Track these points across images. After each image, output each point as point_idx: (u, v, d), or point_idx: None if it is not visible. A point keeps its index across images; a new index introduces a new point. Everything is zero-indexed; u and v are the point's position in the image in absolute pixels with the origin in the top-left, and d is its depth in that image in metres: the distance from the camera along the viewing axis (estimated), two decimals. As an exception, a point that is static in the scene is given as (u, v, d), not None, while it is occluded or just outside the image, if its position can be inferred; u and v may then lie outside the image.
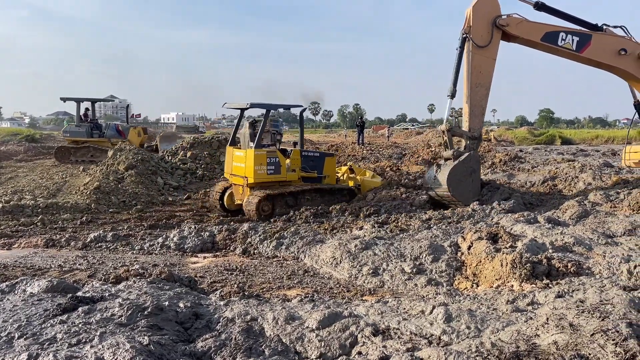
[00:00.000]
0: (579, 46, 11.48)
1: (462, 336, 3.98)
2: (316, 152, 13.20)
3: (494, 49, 11.22)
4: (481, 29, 11.01)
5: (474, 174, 11.22)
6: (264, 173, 11.02)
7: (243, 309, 4.70)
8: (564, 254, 6.49)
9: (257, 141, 11.08)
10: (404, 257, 6.98)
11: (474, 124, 11.29)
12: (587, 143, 42.05)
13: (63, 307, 4.47)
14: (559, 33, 11.40)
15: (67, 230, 9.89)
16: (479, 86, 11.11)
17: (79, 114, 23.45)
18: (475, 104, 11.17)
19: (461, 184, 10.88)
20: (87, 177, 15.73)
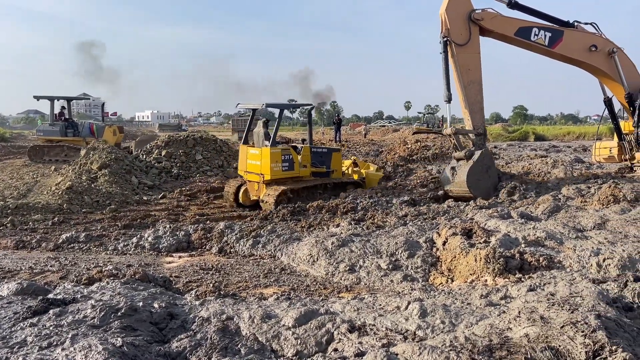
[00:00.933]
0: (551, 42, 11.77)
1: (437, 331, 4.02)
2: (324, 148, 13.91)
3: (475, 44, 11.45)
4: (458, 27, 11.22)
5: (490, 170, 11.69)
6: (279, 170, 11.71)
7: (219, 309, 4.67)
8: (536, 248, 6.62)
9: (273, 140, 11.78)
10: (380, 253, 7.02)
11: (475, 121, 11.61)
12: (559, 139, 42.89)
13: (33, 310, 4.38)
14: (532, 28, 11.68)
15: (38, 231, 9.68)
16: (471, 83, 11.39)
17: (53, 112, 22.93)
18: (473, 101, 11.47)
19: (480, 182, 11.33)
20: (59, 176, 15.44)
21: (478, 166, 11.33)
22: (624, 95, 12.40)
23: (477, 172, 11.31)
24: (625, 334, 3.33)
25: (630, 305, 4.17)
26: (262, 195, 11.82)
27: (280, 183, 11.73)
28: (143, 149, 18.90)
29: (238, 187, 12.74)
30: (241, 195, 12.60)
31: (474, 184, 11.16)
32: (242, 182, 12.75)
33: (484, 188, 11.38)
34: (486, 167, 11.58)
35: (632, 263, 5.59)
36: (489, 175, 11.67)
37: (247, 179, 12.50)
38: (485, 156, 11.58)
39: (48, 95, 22.89)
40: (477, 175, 11.34)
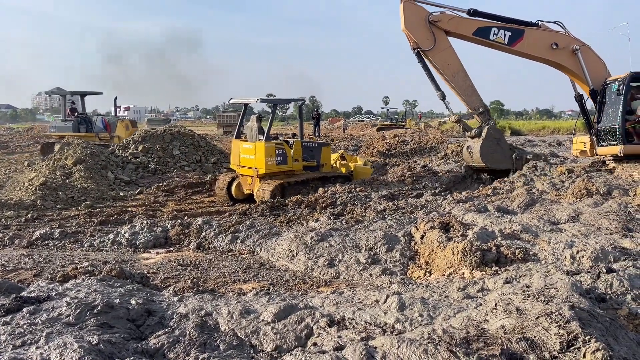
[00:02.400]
0: (511, 40, 12.31)
1: (415, 324, 4.06)
2: (314, 143, 14.32)
3: (443, 41, 12.14)
4: (422, 35, 11.85)
5: (500, 142, 12.84)
6: (273, 164, 11.98)
7: (197, 304, 4.63)
8: (512, 241, 6.71)
9: (267, 134, 12.03)
10: (359, 247, 7.05)
11: (473, 103, 12.44)
12: (534, 134, 43.61)
13: (7, 308, 4.28)
14: (491, 28, 12.17)
15: (11, 228, 9.45)
16: (456, 74, 12.07)
17: (65, 108, 22.43)
18: (464, 87, 12.18)
19: (494, 154, 12.56)
20: (32, 172, 15.11)
21: (488, 141, 12.50)
22: None
23: (488, 146, 12.50)
24: (598, 324, 3.40)
25: (603, 296, 4.27)
26: (256, 189, 12.03)
27: (273, 177, 12.01)
28: (119, 144, 18.63)
29: (230, 182, 12.89)
30: (234, 189, 12.76)
31: (488, 158, 12.50)
32: (234, 176, 12.94)
33: (498, 159, 12.70)
34: (496, 140, 12.71)
35: (604, 255, 5.71)
36: (501, 146, 12.82)
37: (240, 173, 12.70)
38: (493, 130, 12.69)
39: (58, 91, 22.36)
40: (490, 149, 12.55)
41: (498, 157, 12.72)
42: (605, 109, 12.43)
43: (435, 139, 26.80)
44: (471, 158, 13.03)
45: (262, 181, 12.00)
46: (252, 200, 11.97)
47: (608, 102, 12.37)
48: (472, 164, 13.25)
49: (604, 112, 12.45)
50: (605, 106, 12.42)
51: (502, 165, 12.74)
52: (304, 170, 12.88)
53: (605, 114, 12.41)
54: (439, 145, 23.52)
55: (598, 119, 12.66)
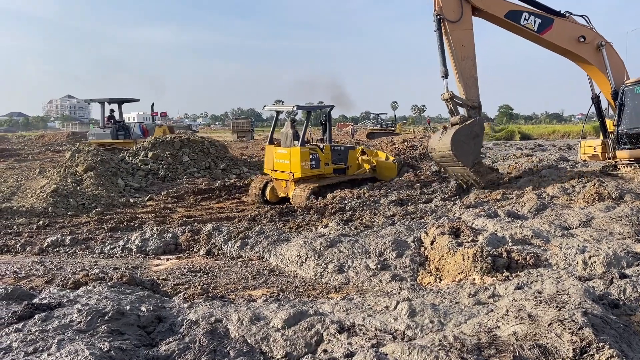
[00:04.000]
0: (541, 28, 11.95)
1: (426, 330, 4.03)
2: (341, 146, 14.79)
3: (468, 20, 11.51)
4: (451, 5, 11.33)
5: (476, 139, 11.68)
6: (308, 168, 12.62)
7: (207, 311, 4.64)
8: (523, 246, 6.66)
9: (302, 139, 12.61)
10: (369, 253, 7.03)
11: (470, 94, 11.72)
12: (544, 138, 43.37)
13: (19, 315, 4.31)
14: (523, 13, 11.84)
15: (23, 235, 9.54)
16: (466, 59, 11.49)
17: (104, 115, 22.63)
18: (467, 76, 11.60)
19: (464, 145, 11.29)
20: (43, 180, 15.25)
21: (467, 129, 11.40)
22: (610, 92, 12.53)
23: (464, 134, 11.33)
24: (611, 330, 3.37)
25: (616, 302, 4.22)
26: (290, 192, 12.60)
27: (306, 180, 12.59)
28: (129, 151, 18.76)
29: (265, 185, 13.45)
30: (268, 193, 13.36)
31: (458, 145, 11.18)
32: (267, 180, 13.52)
33: (466, 152, 11.37)
34: (474, 134, 11.60)
35: (617, 260, 5.65)
36: (475, 143, 11.68)
37: (274, 177, 13.26)
38: (477, 124, 11.72)
39: (99, 98, 22.55)
40: (464, 137, 11.32)
41: (467, 150, 11.47)
42: (627, 111, 12.23)
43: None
44: (436, 144, 11.70)
45: (296, 185, 12.53)
46: (286, 203, 12.42)
47: (631, 104, 12.18)
48: (433, 147, 11.84)
49: (626, 114, 12.25)
50: (628, 109, 12.22)
51: (464, 160, 11.38)
52: (333, 173, 13.50)
53: (629, 117, 12.22)
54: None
55: (618, 122, 12.45)
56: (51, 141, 38.27)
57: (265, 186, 13.48)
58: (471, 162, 11.39)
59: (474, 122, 11.54)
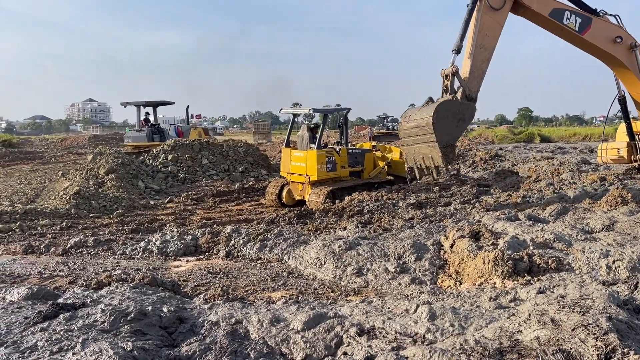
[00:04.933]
0: (581, 28, 11.55)
1: (447, 334, 4.01)
2: (358, 150, 14.57)
3: (503, 15, 10.94)
4: None
5: (461, 123, 10.26)
6: (324, 171, 12.56)
7: (227, 312, 4.68)
8: (545, 250, 6.59)
9: (319, 142, 12.56)
10: (388, 256, 7.01)
11: (472, 85, 10.69)
12: (565, 140, 42.78)
13: (44, 315, 4.40)
14: (565, 11, 11.45)
15: (47, 236, 9.72)
16: (483, 48, 10.80)
17: (140, 118, 22.96)
18: (477, 65, 10.80)
19: (446, 120, 9.72)
20: (66, 182, 15.52)
21: (456, 107, 9.91)
22: None
23: (451, 110, 9.81)
24: (637, 336, 3.31)
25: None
26: (307, 195, 12.57)
27: (323, 183, 12.55)
28: (149, 154, 18.98)
29: (281, 188, 13.43)
30: (284, 196, 13.31)
31: (441, 116, 9.50)
32: (284, 183, 13.49)
33: (445, 129, 9.67)
34: (461, 116, 10.05)
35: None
36: (457, 126, 10.09)
37: (291, 180, 13.24)
38: (469, 109, 10.25)
39: (134, 101, 22.87)
40: (450, 113, 9.75)
41: (446, 128, 9.70)
42: None
43: (463, 146, 26.55)
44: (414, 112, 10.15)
45: (313, 187, 12.51)
46: (302, 206, 12.49)
47: None
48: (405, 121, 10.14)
49: None
50: None
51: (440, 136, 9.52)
52: (349, 177, 13.42)
53: None
54: (467, 153, 23.28)
55: None
56: (73, 144, 38.94)
57: (282, 189, 13.50)
58: (445, 142, 9.71)
59: (468, 104, 10.27)
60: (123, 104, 23.04)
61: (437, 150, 9.54)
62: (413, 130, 9.86)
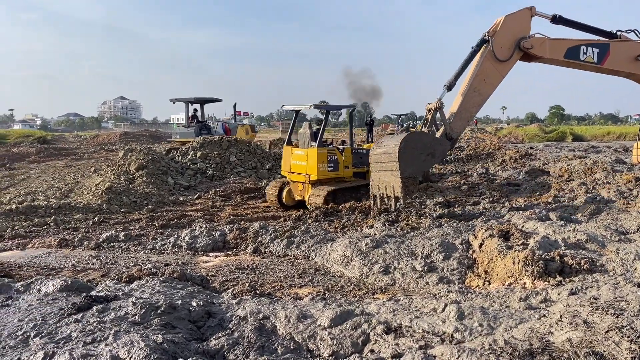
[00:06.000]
0: (600, 58, 11.04)
1: (475, 334, 3.97)
2: (364, 149, 13.78)
3: (508, 67, 10.62)
4: (504, 41, 10.44)
5: (430, 158, 9.75)
6: (325, 170, 11.93)
7: (255, 308, 4.72)
8: (577, 251, 6.45)
9: (319, 140, 12.01)
10: (415, 255, 6.97)
11: (456, 125, 10.35)
12: (598, 139, 41.70)
13: (78, 306, 4.51)
14: (580, 47, 10.94)
15: (80, 230, 9.98)
16: (477, 92, 10.43)
17: (188, 115, 23.33)
18: (467, 107, 10.41)
19: (414, 152, 9.33)
20: (98, 177, 15.87)
21: (426, 139, 9.55)
22: None
23: (420, 141, 9.45)
24: (674, 340, 3.21)
25: (678, 310, 4.02)
26: (307, 195, 12.02)
27: (324, 183, 11.96)
28: (179, 151, 19.26)
29: (281, 188, 12.90)
30: (284, 196, 12.79)
31: (407, 148, 9.15)
32: (284, 183, 12.94)
33: (410, 162, 9.27)
34: (431, 151, 9.60)
35: (679, 267, 5.39)
36: (425, 160, 9.59)
37: (291, 179, 12.67)
38: (441, 146, 9.88)
39: (183, 98, 23.24)
40: (419, 145, 9.38)
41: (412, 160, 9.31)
42: None
43: (492, 145, 26.15)
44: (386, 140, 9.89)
45: (313, 187, 11.98)
46: (303, 207, 11.99)
47: None
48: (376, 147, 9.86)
49: None
50: None
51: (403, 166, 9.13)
52: (353, 177, 12.76)
53: None
54: (497, 152, 22.92)
55: None
56: (105, 141, 39.77)
57: (282, 189, 12.88)
58: (408, 173, 9.29)
59: (440, 140, 9.87)
60: (172, 100, 23.28)
61: (398, 181, 9.21)
62: (381, 157, 9.62)
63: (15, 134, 45.44)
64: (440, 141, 9.90)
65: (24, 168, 21.15)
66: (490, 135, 43.45)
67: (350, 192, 12.21)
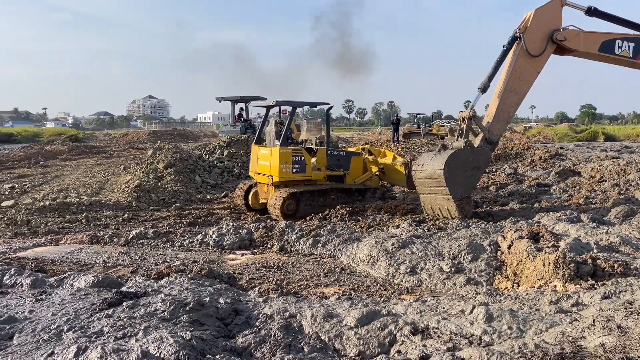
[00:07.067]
0: (635, 52, 10.61)
1: (504, 336, 3.91)
2: (342, 151, 12.81)
3: (542, 62, 10.36)
4: (536, 36, 10.18)
5: (476, 171, 9.81)
6: (289, 171, 10.92)
7: (281, 306, 4.74)
8: (610, 253, 6.29)
9: (283, 139, 11.00)
10: (442, 256, 6.90)
11: (495, 128, 10.22)
12: (631, 139, 40.59)
13: (109, 302, 4.62)
14: (615, 41, 10.59)
15: (110, 227, 10.18)
16: (513, 92, 10.23)
17: (234, 113, 23.69)
18: (504, 109, 10.25)
19: (459, 172, 9.39)
20: (128, 175, 16.16)
21: (469, 155, 9.55)
22: None
23: (463, 159, 9.47)
24: None
25: None
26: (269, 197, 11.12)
27: (290, 186, 11.00)
28: (206, 150, 19.47)
29: (248, 189, 12.11)
30: (251, 198, 11.97)
31: (452, 168, 9.20)
32: (253, 184, 12.14)
33: (458, 181, 9.32)
34: (475, 165, 9.66)
35: None
36: (472, 175, 9.65)
37: (257, 181, 11.83)
38: (483, 155, 9.87)
39: (229, 96, 23.58)
40: (462, 163, 9.42)
41: (460, 180, 9.38)
42: None
43: (521, 145, 25.73)
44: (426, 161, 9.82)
45: (276, 190, 11.02)
46: None
47: None
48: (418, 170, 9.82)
49: None
50: None
51: (453, 189, 9.26)
52: (327, 181, 11.64)
53: None
54: (526, 151, 22.54)
55: None
56: (134, 139, 40.47)
57: (249, 191, 12.03)
58: (459, 194, 9.41)
59: (482, 151, 9.83)
60: (218, 99, 23.54)
61: (452, 204, 9.37)
62: (427, 181, 9.68)
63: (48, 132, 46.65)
64: (481, 151, 9.85)
65: (57, 165, 21.69)
66: (519, 134, 42.76)
67: (318, 197, 11.28)
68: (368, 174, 12.43)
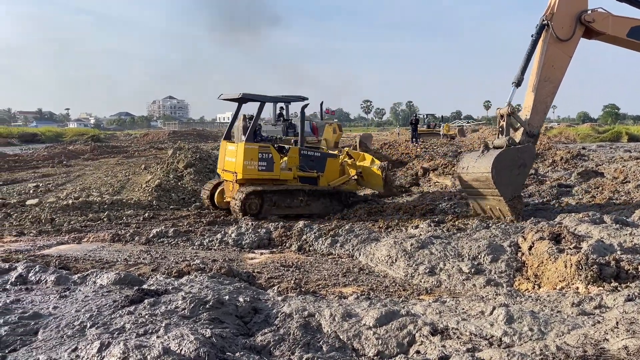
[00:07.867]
0: None
1: (525, 338, 3.87)
2: (317, 152, 12.25)
3: (572, 45, 10.19)
4: (564, 20, 10.01)
5: (522, 169, 9.78)
6: (254, 169, 10.53)
7: (300, 305, 4.76)
8: (634, 255, 6.17)
9: (249, 134, 10.65)
10: (462, 256, 6.85)
11: (534, 120, 10.14)
12: (657, 140, 39.74)
13: (130, 299, 4.68)
14: None
15: (131, 225, 10.33)
16: (548, 81, 10.09)
17: (275, 114, 23.77)
18: (541, 99, 10.13)
19: (506, 172, 9.38)
20: (148, 175, 16.36)
21: (514, 154, 9.55)
22: None
23: (509, 159, 9.46)
24: None
25: None
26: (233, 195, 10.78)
27: (255, 184, 10.63)
28: None
29: (215, 187, 11.82)
30: (216, 196, 11.70)
31: (499, 169, 9.19)
32: (219, 182, 11.84)
33: (507, 182, 9.36)
34: (521, 162, 9.65)
35: None
36: (519, 173, 9.67)
37: (224, 178, 11.44)
38: (528, 151, 9.83)
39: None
40: (508, 162, 9.42)
41: (508, 179, 9.39)
42: None
43: (541, 145, 25.38)
44: (471, 163, 9.79)
45: (240, 187, 10.69)
46: None
47: None
48: (464, 173, 9.84)
49: None
50: None
51: (503, 190, 9.28)
52: (299, 182, 11.22)
53: None
54: (546, 152, 22.22)
55: None
56: (154, 139, 40.98)
57: (216, 189, 11.73)
58: (510, 194, 9.44)
59: (525, 148, 9.77)
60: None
61: (504, 205, 9.41)
62: (474, 184, 9.71)
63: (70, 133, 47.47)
64: (525, 148, 9.82)
65: (79, 165, 22.08)
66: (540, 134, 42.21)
67: (285, 198, 10.86)
68: (344, 177, 12.09)
